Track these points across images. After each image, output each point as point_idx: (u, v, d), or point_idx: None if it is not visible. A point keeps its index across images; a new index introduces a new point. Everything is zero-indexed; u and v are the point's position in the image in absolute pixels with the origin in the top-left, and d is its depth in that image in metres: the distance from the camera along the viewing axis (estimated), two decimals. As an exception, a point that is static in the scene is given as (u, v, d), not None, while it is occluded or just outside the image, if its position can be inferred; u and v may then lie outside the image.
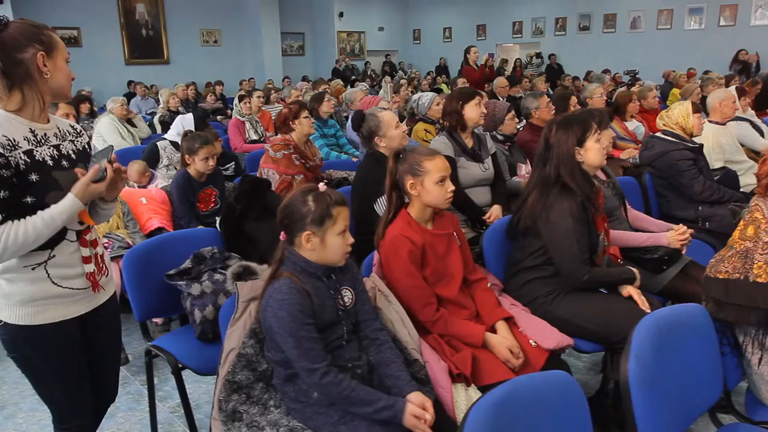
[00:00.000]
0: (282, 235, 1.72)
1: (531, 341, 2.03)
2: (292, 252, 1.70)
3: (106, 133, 5.59)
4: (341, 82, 8.58)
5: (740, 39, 12.24)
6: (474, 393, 1.81)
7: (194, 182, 3.34)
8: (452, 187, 2.07)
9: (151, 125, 6.78)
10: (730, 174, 3.82)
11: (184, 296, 2.38)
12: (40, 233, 1.52)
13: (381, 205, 2.67)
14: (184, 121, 4.24)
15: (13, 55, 1.50)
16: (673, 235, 2.52)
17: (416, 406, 1.60)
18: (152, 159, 4.22)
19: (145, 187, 3.95)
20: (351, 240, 1.73)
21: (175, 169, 4.10)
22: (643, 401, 1.44)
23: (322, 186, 1.73)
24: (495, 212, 3.06)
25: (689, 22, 13.40)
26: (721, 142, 4.01)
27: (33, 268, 1.60)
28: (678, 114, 3.41)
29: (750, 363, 1.85)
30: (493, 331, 2.04)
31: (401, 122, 3.03)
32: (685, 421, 1.63)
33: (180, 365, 2.19)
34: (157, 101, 9.10)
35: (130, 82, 12.42)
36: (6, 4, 10.47)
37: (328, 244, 1.67)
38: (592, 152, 2.24)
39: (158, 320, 3.20)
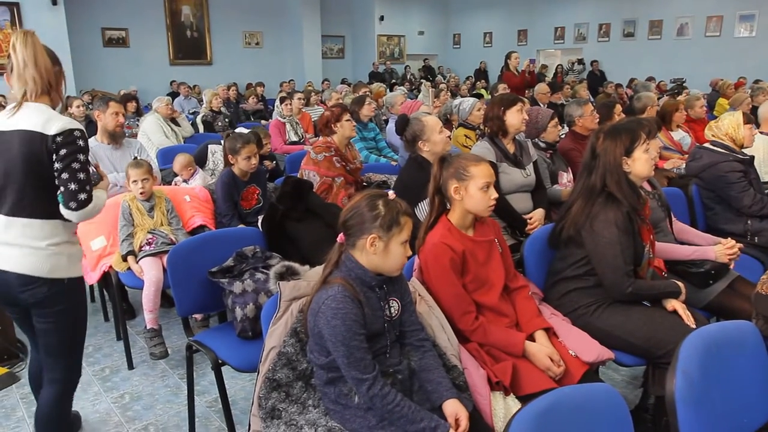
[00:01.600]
0: (340, 238, 1.72)
1: (570, 351, 2.00)
2: (349, 258, 1.70)
3: (151, 131, 5.74)
4: (383, 85, 8.60)
5: (794, 47, 11.85)
6: (512, 402, 1.79)
7: (238, 181, 3.41)
8: (495, 195, 2.06)
9: (194, 124, 6.93)
10: (781, 188, 3.70)
11: (226, 294, 2.43)
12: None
13: (422, 210, 2.67)
14: None
15: (52, 69, 1.94)
16: (721, 249, 2.46)
17: (450, 416, 1.62)
18: (200, 159, 4.33)
19: (186, 181, 4.04)
20: (410, 252, 1.72)
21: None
22: (689, 419, 1.41)
23: (391, 194, 1.73)
24: (537, 216, 3.04)
25: (739, 30, 13.00)
26: (773, 154, 3.89)
27: (74, 233, 2.04)
28: (728, 124, 3.32)
29: (802, 384, 1.78)
30: (532, 339, 2.02)
31: (441, 127, 3.02)
32: (732, 442, 1.59)
33: (220, 361, 2.23)
34: (200, 101, 9.28)
35: (172, 82, 12.73)
36: (60, 6, 10.87)
37: (391, 251, 1.67)
38: (640, 162, 2.19)
39: (198, 316, 3.27)
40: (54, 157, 1.84)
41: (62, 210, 1.88)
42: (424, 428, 1.57)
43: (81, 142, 1.88)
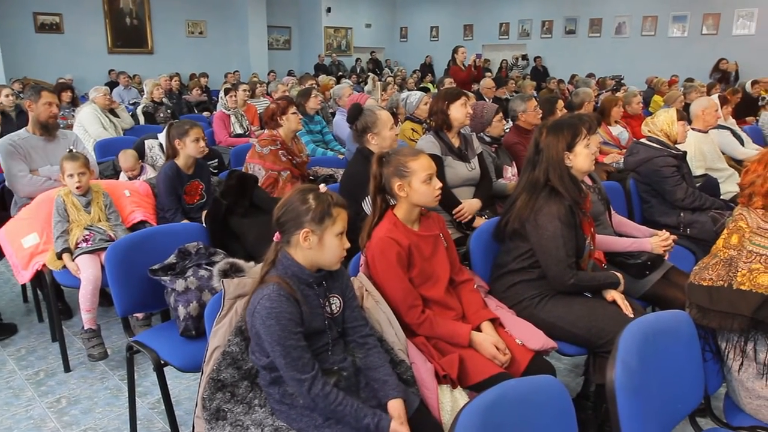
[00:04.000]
0: (276, 236, 1.69)
1: (517, 340, 2.04)
2: (285, 256, 1.67)
3: (88, 122, 5.48)
4: (333, 79, 8.52)
5: (721, 48, 12.45)
6: (459, 395, 1.81)
7: (182, 174, 3.29)
8: (440, 185, 2.08)
9: (134, 116, 6.67)
10: (711, 181, 3.88)
11: (168, 292, 2.35)
12: None
13: (369, 204, 2.66)
14: None
15: None
16: (657, 241, 2.56)
17: (394, 417, 1.60)
18: (138, 154, 4.16)
19: (136, 178, 3.89)
20: (348, 245, 1.70)
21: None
22: (629, 407, 1.46)
23: (322, 187, 1.71)
24: (467, 206, 3.03)
25: (673, 30, 13.58)
26: (703, 149, 4.07)
27: None
28: (663, 121, 3.46)
29: (730, 369, 1.87)
30: (479, 331, 2.04)
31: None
32: (667, 427, 1.65)
33: (162, 362, 2.16)
34: (140, 91, 8.95)
35: (111, 71, 12.23)
36: (-12, -12, 10.26)
37: (326, 243, 1.65)
38: (581, 157, 2.25)
39: (139, 315, 3.15)
40: None
41: None
42: (368, 425, 1.56)
43: None
